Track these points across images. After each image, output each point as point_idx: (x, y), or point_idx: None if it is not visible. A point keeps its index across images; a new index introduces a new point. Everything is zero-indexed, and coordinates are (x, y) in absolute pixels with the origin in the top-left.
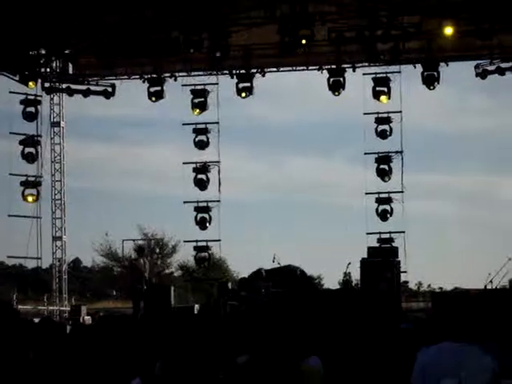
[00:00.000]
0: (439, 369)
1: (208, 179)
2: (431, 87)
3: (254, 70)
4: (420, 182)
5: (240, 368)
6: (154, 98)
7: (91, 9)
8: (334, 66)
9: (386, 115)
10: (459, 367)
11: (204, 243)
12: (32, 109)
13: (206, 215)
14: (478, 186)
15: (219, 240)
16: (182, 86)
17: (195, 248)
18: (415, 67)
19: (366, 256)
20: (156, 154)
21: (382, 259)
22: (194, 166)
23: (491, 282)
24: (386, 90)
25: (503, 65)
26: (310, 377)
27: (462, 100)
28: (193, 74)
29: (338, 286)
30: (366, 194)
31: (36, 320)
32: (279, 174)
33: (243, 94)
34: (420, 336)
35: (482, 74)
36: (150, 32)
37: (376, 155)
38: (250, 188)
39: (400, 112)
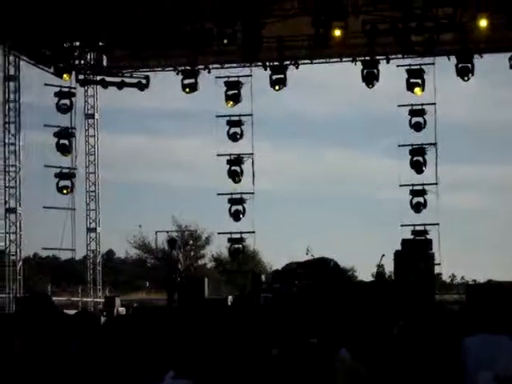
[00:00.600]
0: (477, 362)
1: (242, 171)
2: (465, 79)
3: (288, 62)
4: (454, 174)
5: (274, 360)
6: (187, 90)
7: (125, 0)
8: (367, 58)
9: (419, 107)
10: (495, 360)
11: (238, 235)
12: (66, 101)
13: (240, 207)
14: (510, 177)
15: (253, 232)
16: (216, 78)
17: (229, 240)
18: (449, 59)
19: (399, 248)
20: (190, 146)
21: (416, 251)
22: (227, 157)
23: None
24: (419, 81)
25: None
26: (341, 370)
27: (496, 92)
28: (226, 66)
29: (372, 279)
30: (401, 186)
31: (71, 312)
32: (313, 165)
33: (277, 87)
34: (454, 328)
35: None
36: (184, 24)
37: (410, 147)
38: (284, 180)
39: (434, 104)
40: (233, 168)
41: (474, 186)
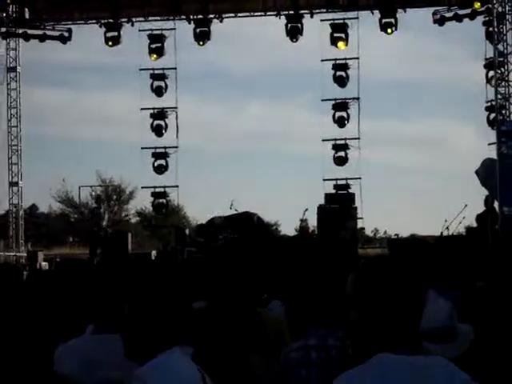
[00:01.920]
0: None
1: (166, 125)
2: (389, 32)
3: (212, 16)
4: (376, 129)
5: (196, 313)
6: (110, 43)
7: None
8: (291, 12)
9: (343, 62)
10: None
11: (162, 189)
12: None
13: (164, 161)
14: (434, 132)
15: (177, 186)
16: (139, 31)
17: (153, 194)
18: (373, 13)
19: (323, 202)
20: (113, 100)
21: (340, 206)
22: (151, 111)
23: (448, 228)
24: (343, 36)
25: (461, 11)
26: (274, 322)
27: (419, 47)
28: (150, 19)
29: (296, 233)
30: (323, 140)
31: None
32: (237, 120)
33: (201, 41)
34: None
35: (440, 21)
36: None
37: (333, 102)
38: (208, 135)
39: (357, 58)
40: (156, 122)
41: (396, 141)
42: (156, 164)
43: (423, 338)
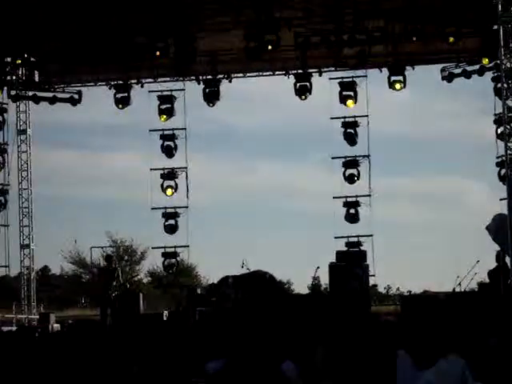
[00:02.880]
0: None
1: (176, 185)
2: (397, 90)
3: (221, 76)
4: (387, 185)
5: (211, 375)
6: (120, 105)
7: (56, 15)
8: (300, 71)
9: (352, 119)
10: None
11: (172, 249)
12: None
13: (174, 221)
14: (445, 189)
15: (187, 246)
16: (149, 92)
17: (163, 254)
18: (381, 71)
19: (334, 260)
20: (123, 161)
21: (351, 262)
22: (161, 172)
23: (460, 284)
24: (352, 94)
25: (469, 68)
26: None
27: (428, 104)
28: (159, 80)
29: (308, 291)
30: (334, 198)
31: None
32: (247, 179)
33: (210, 102)
34: (391, 339)
35: (448, 78)
36: (115, 38)
37: (343, 159)
38: (219, 194)
39: (367, 116)
40: (167, 182)
41: (407, 197)
42: (166, 224)
43: None
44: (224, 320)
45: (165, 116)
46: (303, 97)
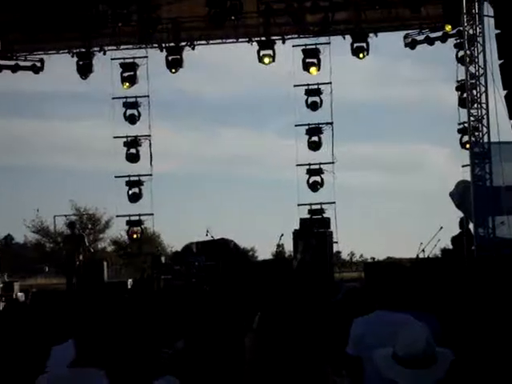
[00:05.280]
0: (373, 339)
1: (139, 153)
2: (360, 58)
3: (184, 43)
4: (350, 152)
5: (179, 353)
6: (83, 72)
7: None
8: (263, 38)
9: (315, 87)
10: (393, 337)
11: (136, 217)
12: None
13: (138, 189)
14: (407, 155)
15: (152, 214)
16: (112, 59)
17: (128, 222)
18: (344, 38)
19: (298, 227)
20: (86, 129)
21: (314, 230)
22: (124, 140)
23: (423, 251)
24: (315, 61)
25: (432, 34)
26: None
27: (391, 71)
28: (122, 47)
29: (272, 258)
30: (298, 165)
31: None
32: (211, 147)
33: (173, 69)
34: (354, 306)
35: (411, 44)
36: (78, 6)
37: (307, 127)
38: (182, 161)
39: (330, 83)
40: (130, 150)
41: (370, 164)
42: (130, 192)
43: (400, 363)
44: (188, 288)
45: (127, 84)
46: (263, 64)
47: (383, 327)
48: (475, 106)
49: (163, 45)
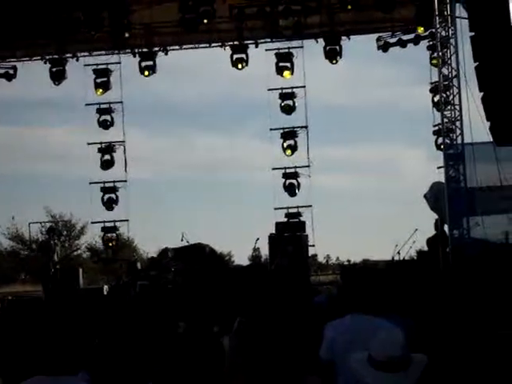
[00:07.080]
0: (346, 343)
1: (114, 159)
2: (334, 61)
3: (157, 48)
4: (325, 156)
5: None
6: (56, 79)
7: None
8: (236, 43)
9: (289, 90)
10: (367, 341)
11: (111, 224)
12: None
13: (113, 195)
14: (382, 158)
15: (127, 220)
16: (85, 65)
17: (103, 229)
18: (317, 42)
19: (274, 231)
20: (60, 136)
21: (290, 234)
22: (98, 146)
23: (399, 253)
24: (289, 65)
25: (405, 37)
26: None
27: (364, 73)
28: (95, 53)
29: (248, 263)
30: (273, 169)
31: None
32: (186, 152)
33: (146, 73)
34: (331, 310)
35: (384, 47)
36: (50, 13)
37: (281, 130)
38: (157, 167)
39: (304, 87)
40: (104, 156)
41: (345, 167)
42: (105, 198)
43: (376, 367)
44: (164, 294)
45: (101, 90)
46: (240, 69)
47: (356, 331)
48: (449, 107)
49: (136, 50)
